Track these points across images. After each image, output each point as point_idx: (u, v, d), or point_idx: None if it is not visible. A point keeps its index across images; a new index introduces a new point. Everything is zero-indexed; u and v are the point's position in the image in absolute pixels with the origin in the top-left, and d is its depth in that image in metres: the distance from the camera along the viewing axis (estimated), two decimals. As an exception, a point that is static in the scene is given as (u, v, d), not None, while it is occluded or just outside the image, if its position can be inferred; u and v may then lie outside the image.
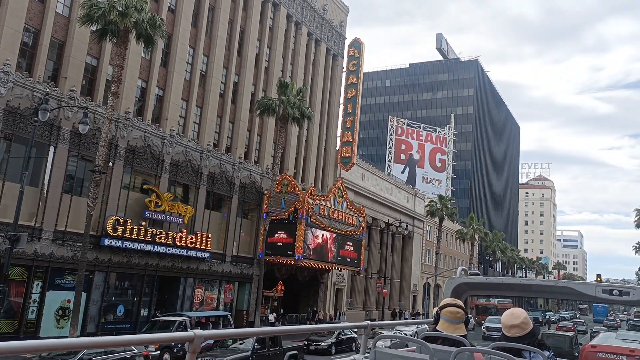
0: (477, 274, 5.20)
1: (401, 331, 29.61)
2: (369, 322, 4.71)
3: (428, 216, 62.87)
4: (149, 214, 28.47)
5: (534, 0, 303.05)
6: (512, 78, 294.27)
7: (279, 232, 36.17)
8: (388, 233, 55.22)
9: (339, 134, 47.74)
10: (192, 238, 30.55)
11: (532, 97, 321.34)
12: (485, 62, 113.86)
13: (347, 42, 49.00)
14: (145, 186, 29.16)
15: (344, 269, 44.00)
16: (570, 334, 30.32)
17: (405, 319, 50.41)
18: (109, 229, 26.03)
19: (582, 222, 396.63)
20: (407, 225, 53.82)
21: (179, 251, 29.86)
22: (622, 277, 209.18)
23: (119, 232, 26.38)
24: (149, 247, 28.12)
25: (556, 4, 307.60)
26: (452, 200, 67.70)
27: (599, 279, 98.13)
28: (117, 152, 27.22)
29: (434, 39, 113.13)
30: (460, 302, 3.92)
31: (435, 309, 3.99)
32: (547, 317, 78.02)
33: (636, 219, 79.89)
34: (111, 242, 26.27)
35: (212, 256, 32.62)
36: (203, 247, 31.28)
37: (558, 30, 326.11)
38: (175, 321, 23.94)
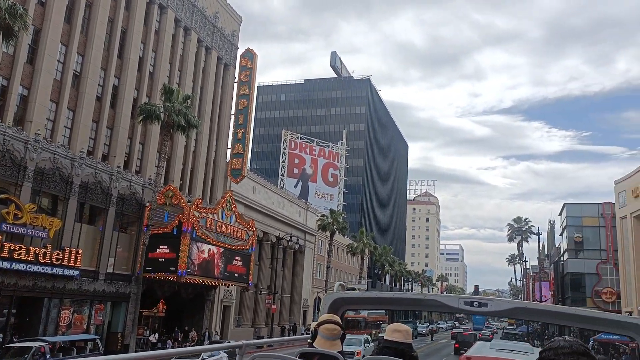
0: (353, 289, 5.39)
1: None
2: (245, 341, 4.61)
3: (320, 230, 63.07)
4: (7, 227, 25.18)
5: (420, 28, 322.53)
6: (400, 99, 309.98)
7: (161, 247, 33.87)
8: (279, 247, 54.43)
9: (229, 145, 46.34)
10: (58, 254, 27.51)
11: (418, 118, 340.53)
12: (376, 83, 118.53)
13: (240, 52, 48.00)
14: (2, 196, 25.81)
15: (232, 285, 42.39)
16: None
17: (302, 334, 49.68)
18: (-46, 244, 22.57)
19: (462, 237, 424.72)
20: (297, 239, 53.39)
21: (42, 269, 26.72)
22: (497, 288, 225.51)
23: (-33, 248, 22.97)
24: (6, 264, 24.83)
25: (440, 33, 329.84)
26: (343, 215, 68.58)
27: (476, 288, 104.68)
28: (-32, 157, 23.85)
29: (329, 58, 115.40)
30: (338, 319, 3.94)
31: (313, 324, 3.96)
32: (432, 327, 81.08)
33: (509, 233, 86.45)
34: (-44, 260, 22.79)
35: (83, 274, 29.65)
36: (72, 264, 28.29)
37: (441, 57, 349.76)
38: (32, 347, 21.13)
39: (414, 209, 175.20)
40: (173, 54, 39.93)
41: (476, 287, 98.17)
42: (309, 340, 3.93)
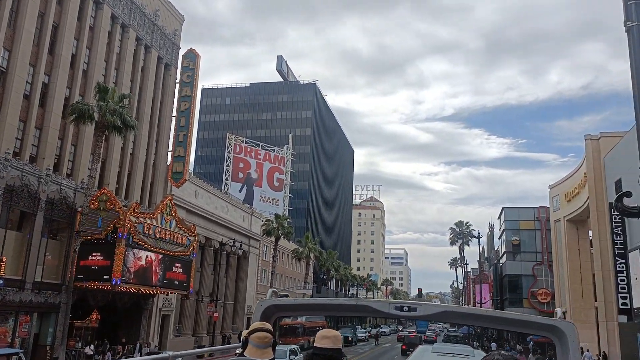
0: (286, 296, 5.10)
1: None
2: (171, 353, 4.57)
3: (264, 235, 62.18)
4: None
5: (365, 36, 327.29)
6: (346, 105, 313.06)
7: (94, 254, 32.14)
8: (222, 253, 53.17)
9: (170, 148, 44.86)
10: (-22, 262, 25.52)
11: (363, 124, 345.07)
12: (322, 88, 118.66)
13: (182, 53, 46.66)
14: None
15: (172, 293, 40.87)
16: None
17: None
18: None
19: (407, 241, 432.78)
20: (241, 245, 52.30)
21: (-40, 279, 24.68)
22: (440, 290, 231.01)
23: None
24: None
25: (384, 41, 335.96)
26: (289, 220, 68.00)
27: (420, 291, 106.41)
28: None
29: (275, 62, 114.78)
30: (270, 326, 3.86)
31: (244, 333, 3.83)
32: (376, 331, 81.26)
33: (451, 237, 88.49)
34: None
35: (7, 283, 27.63)
36: (-7, 273, 26.31)
37: (386, 65, 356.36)
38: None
39: (360, 213, 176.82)
40: (109, 52, 38.23)
41: (419, 290, 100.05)
42: (238, 350, 3.84)
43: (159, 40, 44.15)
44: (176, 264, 38.55)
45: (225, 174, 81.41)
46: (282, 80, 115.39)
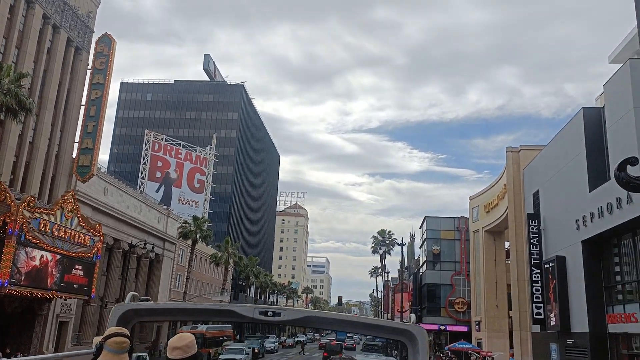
0: (147, 300, 4.80)
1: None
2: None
3: (181, 238, 58.90)
4: None
5: (296, 45, 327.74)
6: (274, 112, 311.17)
7: (-24, 252, 28.22)
8: (132, 256, 49.48)
9: (77, 139, 41.03)
10: None
11: (290, 132, 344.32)
12: (250, 92, 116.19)
13: (96, 37, 43.02)
14: None
15: (71, 297, 37.08)
16: None
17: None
18: None
19: (329, 250, 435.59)
20: (153, 247, 48.89)
21: None
22: (360, 299, 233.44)
23: None
24: None
25: (314, 51, 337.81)
26: (208, 223, 65.05)
27: (340, 299, 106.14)
28: None
29: (202, 61, 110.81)
30: (127, 331, 3.74)
31: (99, 339, 3.61)
32: (302, 340, 79.23)
33: (373, 245, 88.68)
34: None
35: None
36: None
37: (315, 75, 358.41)
38: None
39: (283, 220, 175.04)
40: (10, 28, 34.28)
41: (340, 298, 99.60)
42: (92, 357, 3.66)
43: (69, 21, 40.39)
44: (76, 266, 34.95)
45: (142, 173, 76.82)
46: (208, 79, 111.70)
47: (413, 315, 4.67)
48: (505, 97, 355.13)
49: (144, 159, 77.57)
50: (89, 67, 42.27)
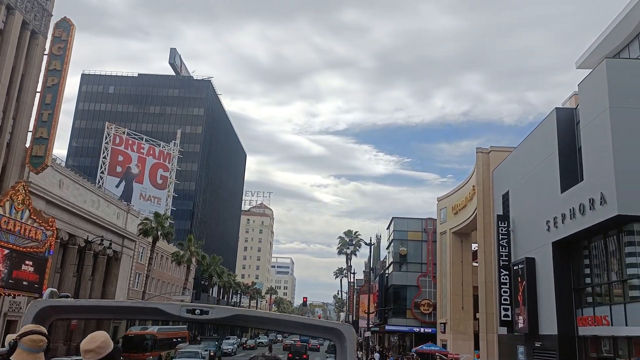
0: (67, 296, 4.44)
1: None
2: None
3: (141, 235, 56.76)
4: None
5: (264, 45, 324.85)
6: (241, 111, 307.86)
7: None
8: (88, 252, 47.26)
9: (31, 128, 38.67)
10: None
11: (257, 132, 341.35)
12: (217, 91, 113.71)
13: (54, 21, 40.72)
14: None
15: (20, 295, 34.82)
16: None
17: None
18: None
19: (293, 251, 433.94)
20: (111, 244, 46.69)
21: None
22: (323, 301, 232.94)
23: None
24: None
25: (283, 52, 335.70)
26: (170, 220, 63.02)
27: (305, 300, 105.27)
28: None
29: (168, 57, 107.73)
30: (44, 329, 3.55)
31: (13, 336, 3.41)
32: (270, 341, 77.12)
33: (339, 246, 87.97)
34: None
35: None
36: None
37: (283, 75, 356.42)
38: None
39: (249, 219, 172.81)
40: (-42, 5, 31.90)
41: (305, 299, 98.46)
42: (2, 356, 3.48)
43: (25, 3, 38.06)
44: (27, 262, 32.83)
45: (101, 167, 73.91)
46: (174, 74, 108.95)
47: (343, 314, 4.43)
48: (470, 103, 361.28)
49: (104, 152, 74.64)
50: (46, 52, 39.95)
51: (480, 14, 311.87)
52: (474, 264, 49.62)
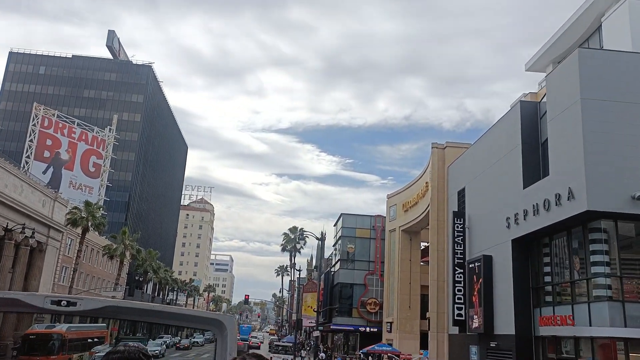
0: None
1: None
2: None
3: (69, 226, 52.19)
4: None
5: (208, 37, 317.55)
6: (182, 105, 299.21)
7: None
8: (9, 242, 42.61)
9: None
10: None
11: (198, 127, 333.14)
12: (158, 77, 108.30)
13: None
14: None
15: None
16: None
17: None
18: None
19: (232, 249, 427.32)
20: (33, 233, 42.35)
21: None
22: (262, 299, 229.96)
23: None
24: None
25: (227, 46, 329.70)
26: (102, 211, 58.59)
27: (247, 297, 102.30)
28: None
29: (105, 42, 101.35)
30: None
31: None
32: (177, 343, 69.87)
33: (283, 242, 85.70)
34: None
35: None
36: None
37: (226, 70, 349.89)
38: None
39: (188, 215, 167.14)
40: None
41: (247, 296, 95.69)
42: None
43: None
44: None
45: (27, 151, 68.05)
46: (112, 57, 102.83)
47: (225, 305, 2.95)
48: (412, 107, 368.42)
49: (30, 135, 68.72)
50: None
51: (421, 20, 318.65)
52: (422, 262, 48.76)
